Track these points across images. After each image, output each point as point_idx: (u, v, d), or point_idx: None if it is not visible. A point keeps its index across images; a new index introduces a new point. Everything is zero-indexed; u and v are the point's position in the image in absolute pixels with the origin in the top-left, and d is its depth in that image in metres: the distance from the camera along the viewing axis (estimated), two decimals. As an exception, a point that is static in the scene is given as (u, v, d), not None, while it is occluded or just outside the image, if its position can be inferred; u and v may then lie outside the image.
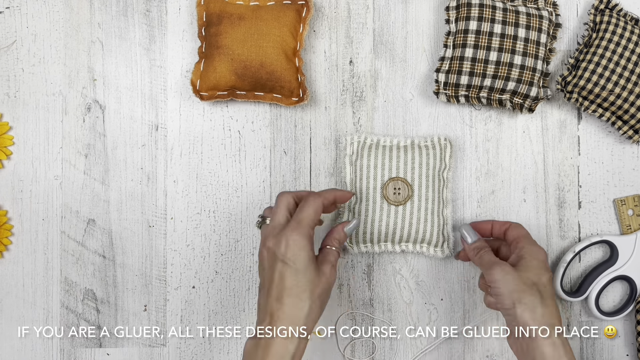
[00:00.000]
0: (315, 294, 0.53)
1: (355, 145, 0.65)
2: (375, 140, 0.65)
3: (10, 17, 0.65)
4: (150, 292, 0.64)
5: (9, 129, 0.64)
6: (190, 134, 0.65)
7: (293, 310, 0.51)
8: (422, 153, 0.64)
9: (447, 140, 0.64)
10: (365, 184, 0.64)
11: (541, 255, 0.57)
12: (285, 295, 0.51)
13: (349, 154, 0.65)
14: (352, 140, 0.65)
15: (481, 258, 0.58)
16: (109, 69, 0.65)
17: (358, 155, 0.65)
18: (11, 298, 0.64)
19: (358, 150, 0.65)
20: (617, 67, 0.62)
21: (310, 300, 0.52)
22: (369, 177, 0.64)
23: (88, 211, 0.64)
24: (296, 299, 0.52)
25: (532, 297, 0.53)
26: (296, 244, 0.52)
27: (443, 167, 0.64)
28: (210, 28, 0.62)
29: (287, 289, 0.52)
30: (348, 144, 0.65)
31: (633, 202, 0.66)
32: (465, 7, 0.62)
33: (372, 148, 0.65)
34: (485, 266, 0.57)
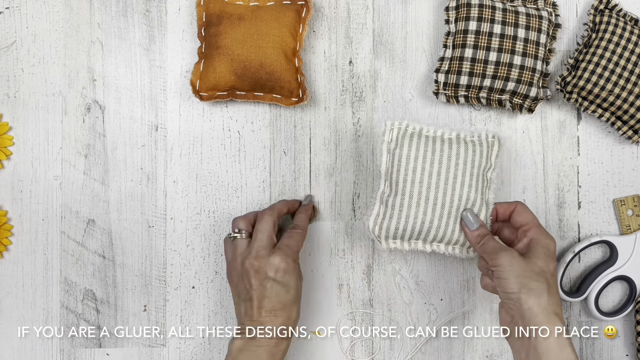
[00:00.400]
0: (301, 299, 0.59)
1: (395, 132, 0.60)
2: (418, 129, 0.60)
3: (10, 18, 0.65)
4: (150, 293, 0.64)
5: (8, 129, 0.64)
6: (190, 134, 0.65)
7: (286, 320, 0.57)
8: (468, 149, 0.59)
9: (496, 138, 0.61)
10: (402, 175, 0.59)
11: (551, 246, 0.55)
12: (279, 309, 0.56)
13: (387, 140, 0.60)
14: (392, 126, 0.60)
15: (484, 246, 0.56)
16: (109, 69, 0.65)
17: (397, 144, 0.60)
18: (11, 298, 0.64)
19: (398, 138, 0.60)
20: (617, 68, 0.62)
21: (298, 306, 0.58)
22: (407, 169, 0.59)
23: (88, 211, 0.64)
24: (289, 310, 0.57)
25: (539, 284, 0.52)
26: (289, 268, 0.57)
27: (488, 166, 0.60)
28: (210, 28, 0.62)
29: (281, 303, 0.56)
30: (387, 129, 0.60)
31: (632, 202, 0.66)
32: (465, 7, 0.62)
33: (413, 137, 0.60)
34: (489, 253, 0.55)
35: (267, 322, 0.55)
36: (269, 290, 0.56)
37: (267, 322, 0.56)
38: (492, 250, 0.55)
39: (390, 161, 0.60)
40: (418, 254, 0.65)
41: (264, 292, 0.56)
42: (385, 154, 0.60)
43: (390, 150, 0.60)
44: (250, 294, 0.56)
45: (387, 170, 0.60)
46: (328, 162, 0.66)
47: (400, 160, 0.59)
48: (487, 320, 0.65)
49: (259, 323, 0.56)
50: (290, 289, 0.57)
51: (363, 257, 0.65)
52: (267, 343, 0.55)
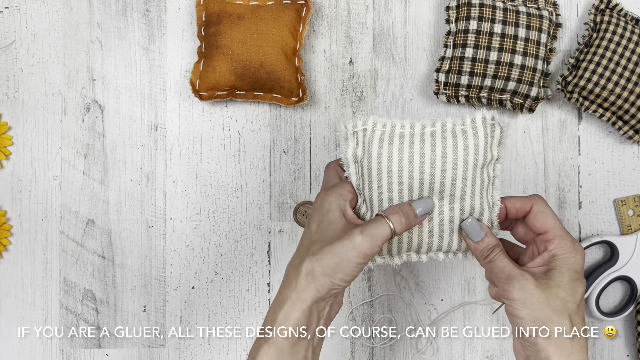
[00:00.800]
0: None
1: (361, 136, 0.47)
2: (389, 128, 0.46)
3: (10, 17, 0.65)
4: (149, 293, 0.64)
5: (8, 129, 0.64)
6: (190, 134, 0.65)
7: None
8: (458, 144, 0.45)
9: (496, 120, 0.46)
10: (376, 193, 0.47)
11: (579, 265, 0.45)
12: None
13: (352, 148, 0.47)
14: (355, 128, 0.46)
15: (493, 265, 0.46)
16: (108, 69, 0.65)
17: (365, 152, 0.47)
18: (10, 298, 0.64)
19: (365, 144, 0.46)
20: (618, 67, 0.62)
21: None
22: (381, 186, 0.46)
23: (87, 211, 0.64)
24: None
25: (559, 325, 0.43)
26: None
27: (489, 159, 0.47)
28: (210, 28, 0.62)
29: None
30: (349, 134, 0.47)
31: (633, 202, 0.66)
32: (466, 6, 0.62)
33: (383, 140, 0.46)
34: (499, 277, 0.45)
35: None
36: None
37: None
38: (503, 274, 0.45)
39: (360, 173, 0.48)
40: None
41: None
42: (353, 165, 0.48)
43: (357, 159, 0.47)
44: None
45: (359, 184, 0.48)
46: (328, 162, 0.65)
47: (370, 173, 0.47)
48: (487, 320, 0.65)
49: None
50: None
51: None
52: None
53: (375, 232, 0.45)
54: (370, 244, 0.45)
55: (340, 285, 0.46)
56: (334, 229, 0.46)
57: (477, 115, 0.46)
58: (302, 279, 0.45)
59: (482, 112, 0.46)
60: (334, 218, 0.47)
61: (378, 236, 0.45)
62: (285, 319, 0.45)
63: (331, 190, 0.48)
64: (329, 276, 0.45)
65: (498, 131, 0.47)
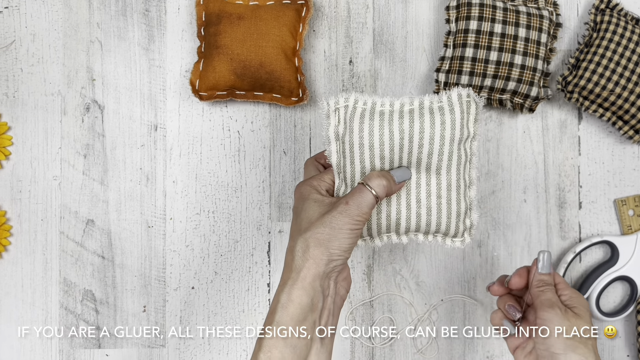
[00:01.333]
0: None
1: (342, 113, 0.49)
2: (370, 105, 0.48)
3: (9, 17, 0.65)
4: (149, 293, 0.64)
5: (7, 129, 0.64)
6: (190, 134, 0.65)
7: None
8: (435, 120, 0.47)
9: (471, 97, 0.49)
10: (358, 168, 0.49)
11: (588, 308, 0.52)
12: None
13: (333, 125, 0.49)
14: (337, 104, 0.49)
15: (543, 294, 0.52)
16: (108, 68, 0.65)
17: (346, 127, 0.48)
18: (10, 298, 0.64)
19: (346, 120, 0.48)
20: (618, 67, 0.62)
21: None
22: (363, 160, 0.48)
23: (87, 212, 0.64)
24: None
25: (586, 350, 0.49)
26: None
27: (466, 135, 0.49)
28: (210, 28, 0.62)
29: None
30: (331, 111, 0.49)
31: (634, 202, 0.66)
32: (466, 6, 0.62)
33: (364, 117, 0.48)
34: (542, 304, 0.51)
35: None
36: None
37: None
38: (547, 302, 0.51)
39: (342, 150, 0.49)
40: (419, 254, 0.65)
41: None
42: (334, 143, 0.49)
43: (338, 136, 0.49)
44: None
45: (339, 162, 0.50)
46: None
47: (352, 149, 0.48)
48: (487, 320, 0.65)
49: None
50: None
51: (363, 257, 0.65)
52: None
53: (359, 200, 0.47)
54: (357, 210, 0.47)
55: (338, 256, 0.47)
56: (319, 206, 0.48)
57: (452, 93, 0.48)
58: (299, 257, 0.46)
59: (457, 90, 0.48)
60: (315, 198, 0.49)
61: (363, 203, 0.47)
62: (288, 299, 0.46)
63: (308, 180, 0.51)
64: (325, 247, 0.46)
65: (473, 108, 0.49)
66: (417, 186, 0.50)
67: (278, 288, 0.47)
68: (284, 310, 0.46)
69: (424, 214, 0.50)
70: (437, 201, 0.50)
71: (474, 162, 0.51)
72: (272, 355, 0.45)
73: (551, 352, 0.49)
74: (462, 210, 0.51)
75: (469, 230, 0.52)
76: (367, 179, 0.48)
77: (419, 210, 0.50)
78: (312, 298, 0.46)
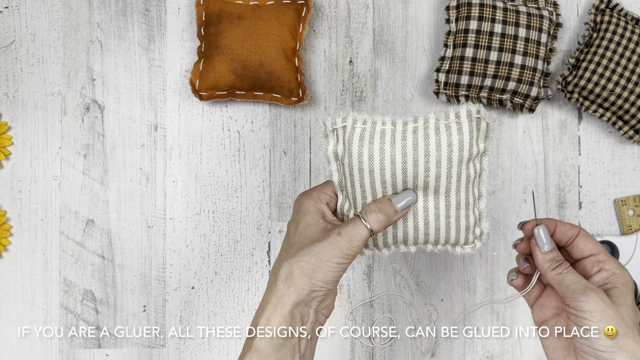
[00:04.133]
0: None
1: (341, 134, 0.45)
2: (370, 125, 0.45)
3: (9, 17, 0.65)
4: (149, 293, 0.64)
5: (7, 129, 0.64)
6: (190, 134, 0.65)
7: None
8: (442, 141, 0.44)
9: (481, 114, 0.44)
10: (359, 191, 0.46)
11: (631, 284, 0.45)
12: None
13: (332, 145, 0.46)
14: (335, 125, 0.46)
15: (564, 277, 0.45)
16: (108, 68, 0.65)
17: (345, 149, 0.45)
18: (10, 298, 0.64)
19: (345, 141, 0.45)
20: (618, 67, 0.62)
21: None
22: (363, 184, 0.46)
23: (87, 211, 0.64)
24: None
25: (635, 345, 0.42)
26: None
27: (475, 153, 0.45)
28: (210, 28, 0.62)
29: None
30: (329, 131, 0.46)
31: (634, 202, 0.66)
32: (466, 6, 0.62)
33: (364, 138, 0.44)
34: (572, 289, 0.44)
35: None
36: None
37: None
38: (575, 287, 0.44)
39: (342, 171, 0.47)
40: (419, 254, 0.65)
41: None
42: (334, 163, 0.47)
43: (337, 156, 0.46)
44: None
45: (341, 181, 0.48)
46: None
47: (352, 171, 0.45)
48: (487, 320, 0.65)
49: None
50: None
51: (363, 257, 0.65)
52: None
53: (352, 233, 0.45)
54: (348, 244, 0.45)
55: (321, 287, 0.45)
56: (313, 231, 0.46)
57: (461, 110, 0.44)
58: (281, 282, 0.45)
59: (467, 106, 0.44)
60: (312, 220, 0.47)
61: (356, 237, 0.45)
62: (266, 325, 0.45)
63: (309, 192, 0.49)
64: (308, 277, 0.45)
65: (484, 125, 0.45)
66: (425, 210, 0.47)
67: (258, 310, 0.46)
68: (262, 336, 0.45)
69: (433, 233, 0.48)
70: (446, 221, 0.47)
71: (484, 177, 0.47)
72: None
73: (594, 350, 0.43)
74: (472, 223, 0.49)
75: (479, 237, 0.50)
76: (363, 212, 0.46)
77: (427, 230, 0.48)
78: (290, 324, 0.45)
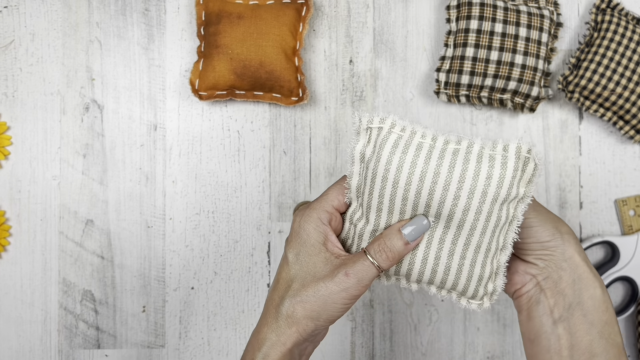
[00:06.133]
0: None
1: (375, 134, 0.41)
2: (409, 133, 0.41)
3: (8, 17, 0.65)
4: (148, 293, 0.64)
5: (6, 129, 0.64)
6: (189, 133, 0.65)
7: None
8: (482, 171, 0.39)
9: (531, 155, 0.40)
10: (376, 201, 0.42)
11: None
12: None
13: (362, 143, 0.42)
14: (371, 124, 0.41)
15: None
16: (108, 68, 0.65)
17: (374, 152, 0.41)
18: (9, 299, 0.64)
19: (377, 143, 0.41)
20: (619, 67, 0.62)
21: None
22: (383, 194, 0.41)
23: (86, 212, 0.64)
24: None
25: (573, 235, 0.45)
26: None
27: (513, 196, 0.40)
28: (209, 27, 0.62)
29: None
30: (362, 129, 0.41)
31: (635, 202, 0.65)
32: (466, 6, 0.62)
33: (398, 145, 0.40)
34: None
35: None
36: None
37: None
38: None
39: (364, 175, 0.42)
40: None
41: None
42: (358, 164, 0.42)
43: (364, 158, 0.42)
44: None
45: (359, 186, 0.43)
46: (328, 162, 0.65)
47: (374, 177, 0.41)
48: (487, 320, 0.65)
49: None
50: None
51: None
52: None
53: (361, 274, 0.42)
54: (356, 285, 0.42)
55: (324, 327, 0.44)
56: (315, 264, 0.43)
57: (510, 144, 0.40)
58: (283, 321, 0.43)
59: (518, 142, 0.40)
60: (313, 250, 0.44)
61: (365, 278, 0.42)
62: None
63: (309, 213, 0.45)
64: (313, 319, 0.43)
65: (531, 167, 0.40)
66: (440, 242, 0.42)
67: (254, 341, 0.44)
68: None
69: (441, 272, 0.43)
70: (460, 262, 0.42)
71: (514, 227, 0.42)
72: None
73: (542, 243, 0.44)
74: (486, 275, 0.43)
75: (490, 296, 0.44)
76: (372, 250, 0.42)
77: (435, 267, 0.43)
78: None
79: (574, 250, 0.44)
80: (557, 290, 0.44)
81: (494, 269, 0.43)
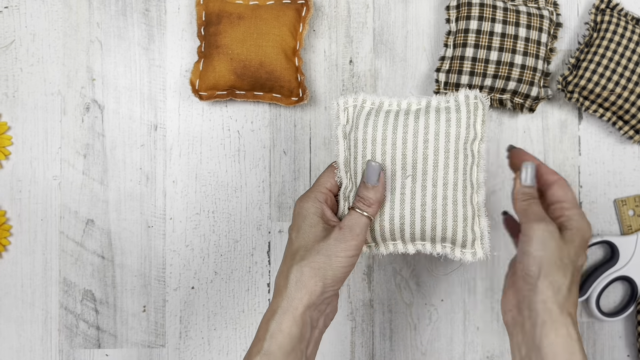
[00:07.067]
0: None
1: (351, 111, 0.50)
2: (377, 104, 0.50)
3: (9, 17, 0.65)
4: (149, 293, 0.64)
5: (7, 129, 0.64)
6: (190, 134, 0.65)
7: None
8: (440, 118, 0.48)
9: (478, 99, 0.49)
10: (360, 164, 0.49)
11: (587, 234, 0.47)
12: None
13: (342, 123, 0.51)
14: (347, 104, 0.51)
15: (528, 207, 0.47)
16: (108, 68, 0.65)
17: (352, 125, 0.50)
18: (10, 299, 0.64)
19: (354, 119, 0.50)
20: (618, 67, 0.62)
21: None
22: (365, 156, 0.48)
23: (87, 211, 0.64)
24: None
25: (562, 278, 0.44)
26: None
27: (472, 136, 0.49)
28: (210, 27, 0.62)
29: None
30: (341, 110, 0.51)
31: (634, 202, 0.66)
32: (466, 6, 0.62)
33: (370, 115, 0.49)
34: (527, 217, 0.47)
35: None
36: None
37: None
38: (533, 216, 0.46)
39: (348, 148, 0.50)
40: (419, 254, 0.65)
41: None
42: (342, 141, 0.50)
43: (346, 134, 0.50)
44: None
45: (346, 159, 0.50)
46: (328, 161, 0.65)
47: (356, 145, 0.49)
48: (487, 320, 0.65)
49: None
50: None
51: (363, 257, 0.65)
52: None
53: (352, 223, 0.47)
54: (351, 234, 0.46)
55: (331, 286, 0.46)
56: (315, 232, 0.48)
57: (459, 94, 0.49)
58: (292, 286, 0.46)
59: (465, 91, 0.49)
60: (312, 222, 0.49)
61: (356, 226, 0.47)
62: (278, 329, 0.45)
63: (306, 195, 0.51)
64: (320, 277, 0.46)
65: (480, 109, 0.49)
66: (423, 189, 0.48)
67: (267, 314, 0.46)
68: (272, 340, 0.45)
69: (429, 217, 0.48)
70: (443, 202, 0.48)
71: (481, 165, 0.49)
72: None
73: (524, 274, 0.46)
74: (469, 215, 0.48)
75: (481, 241, 0.49)
76: (353, 204, 0.48)
77: (423, 213, 0.48)
78: (301, 329, 0.45)
79: (547, 296, 0.45)
80: (524, 330, 0.46)
81: (475, 210, 0.49)
